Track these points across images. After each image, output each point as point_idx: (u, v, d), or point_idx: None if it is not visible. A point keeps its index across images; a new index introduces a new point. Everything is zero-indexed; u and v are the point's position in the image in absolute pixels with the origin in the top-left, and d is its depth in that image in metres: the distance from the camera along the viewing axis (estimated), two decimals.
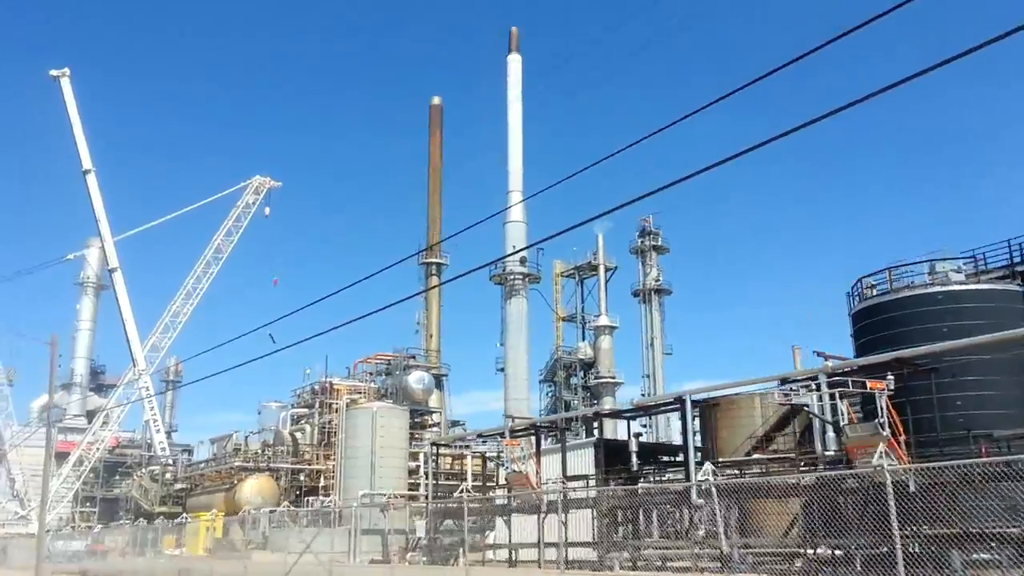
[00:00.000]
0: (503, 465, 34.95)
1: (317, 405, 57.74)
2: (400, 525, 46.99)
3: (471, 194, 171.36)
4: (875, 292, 29.41)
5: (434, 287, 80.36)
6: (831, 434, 22.88)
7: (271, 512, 47.52)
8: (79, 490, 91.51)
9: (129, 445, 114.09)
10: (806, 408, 23.18)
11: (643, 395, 79.93)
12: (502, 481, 46.60)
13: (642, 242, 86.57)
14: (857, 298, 30.15)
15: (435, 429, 62.35)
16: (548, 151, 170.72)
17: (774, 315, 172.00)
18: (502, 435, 35.79)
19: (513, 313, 73.84)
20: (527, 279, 75.32)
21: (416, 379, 59.96)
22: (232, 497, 52.59)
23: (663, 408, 32.00)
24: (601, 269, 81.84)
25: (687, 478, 27.59)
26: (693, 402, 34.60)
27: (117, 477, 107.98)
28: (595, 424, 41.06)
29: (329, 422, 57.62)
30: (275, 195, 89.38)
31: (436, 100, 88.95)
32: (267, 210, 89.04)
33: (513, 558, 37.50)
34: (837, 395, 22.23)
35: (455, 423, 73.91)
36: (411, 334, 79.66)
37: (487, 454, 40.15)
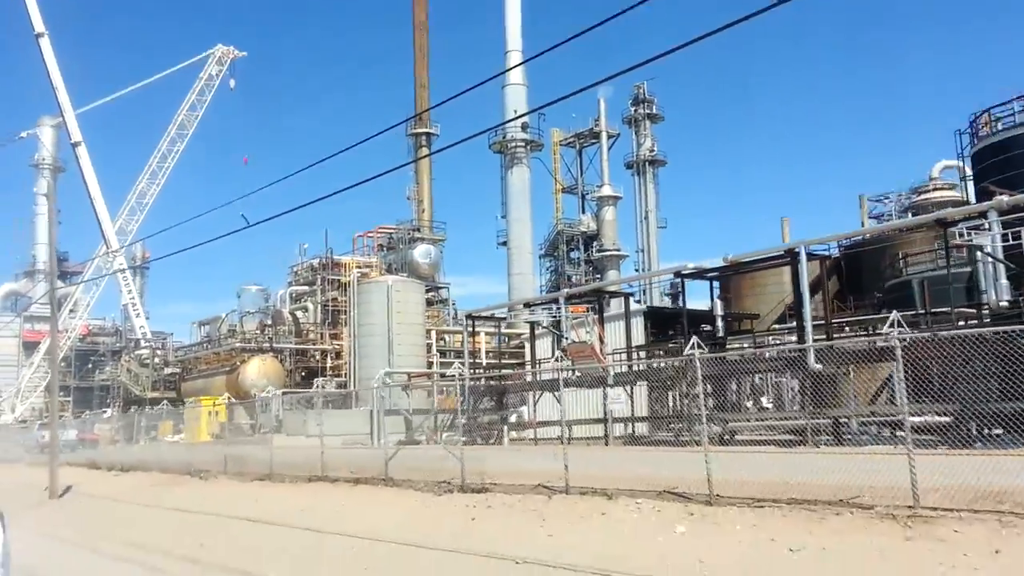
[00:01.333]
0: (562, 336, 31.35)
1: (319, 282, 53.46)
2: (420, 405, 43.70)
3: (459, 60, 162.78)
4: (1000, 127, 25.59)
5: (425, 156, 75.23)
6: (1004, 281, 19.30)
7: (284, 394, 43.86)
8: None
9: (100, 332, 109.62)
10: (982, 251, 19.41)
11: (637, 269, 76.77)
12: (540, 354, 43.34)
13: (635, 111, 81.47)
14: (974, 136, 26.33)
15: (442, 306, 58.58)
16: (545, 9, 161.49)
17: (772, 189, 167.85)
18: (555, 302, 32.02)
19: (515, 183, 69.30)
20: (530, 146, 70.51)
21: (422, 253, 55.80)
22: (235, 380, 48.73)
23: (764, 263, 28.22)
24: (603, 136, 77.13)
25: (800, 340, 24.17)
26: (710, 270, 31.05)
27: (90, 366, 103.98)
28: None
29: (333, 299, 53.53)
30: (241, 66, 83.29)
31: None
32: (232, 82, 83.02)
33: (568, 436, 34.41)
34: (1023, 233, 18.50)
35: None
36: (401, 211, 75.08)
37: (536, 324, 36.35)
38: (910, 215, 72.60)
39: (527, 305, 33.25)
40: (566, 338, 31.33)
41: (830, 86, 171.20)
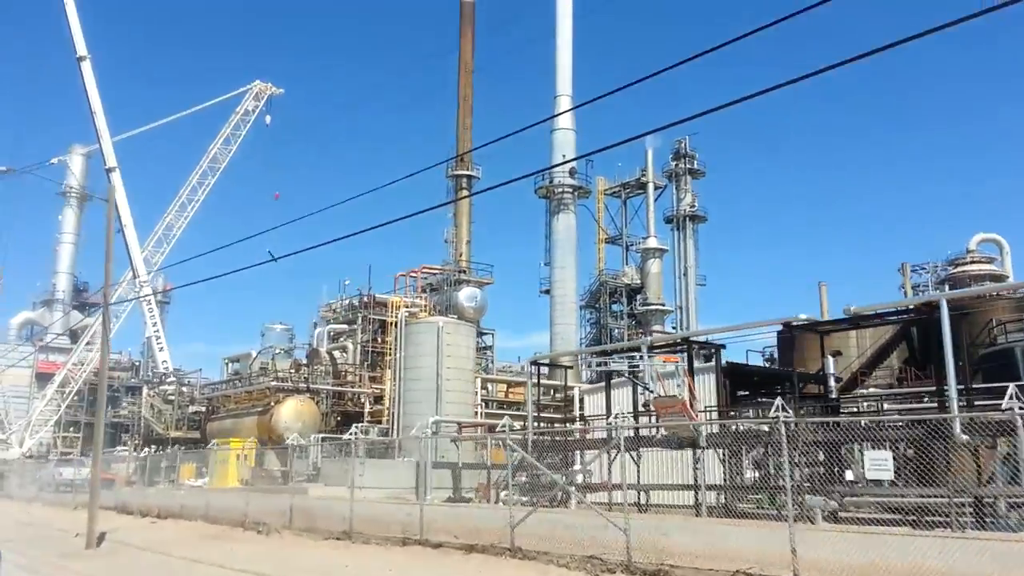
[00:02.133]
0: (646, 388, 28.28)
1: (360, 321, 50.59)
2: (469, 459, 40.50)
3: (502, 103, 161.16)
4: None
5: (465, 196, 72.93)
6: None
7: (324, 439, 40.78)
8: (62, 414, 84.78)
9: (116, 367, 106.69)
10: None
11: (674, 327, 73.66)
12: (591, 410, 40.16)
13: (676, 165, 78.97)
14: None
15: (488, 353, 55.61)
16: (595, 54, 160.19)
17: (809, 251, 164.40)
18: (636, 350, 28.98)
19: (561, 230, 66.72)
20: (577, 193, 68.09)
21: (468, 296, 52.95)
22: (268, 421, 45.63)
23: (893, 316, 25.22)
24: (650, 188, 74.74)
25: (941, 408, 21.14)
26: (824, 323, 28.13)
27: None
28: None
29: (373, 339, 50.63)
30: (279, 104, 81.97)
31: None
32: (268, 118, 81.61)
33: (644, 501, 31.14)
34: None
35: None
36: (439, 256, 72.42)
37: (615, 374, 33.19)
38: (947, 287, 69.85)
39: (604, 353, 30.24)
40: (650, 391, 28.25)
41: (873, 152, 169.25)
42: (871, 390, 33.99)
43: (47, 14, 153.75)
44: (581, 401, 43.61)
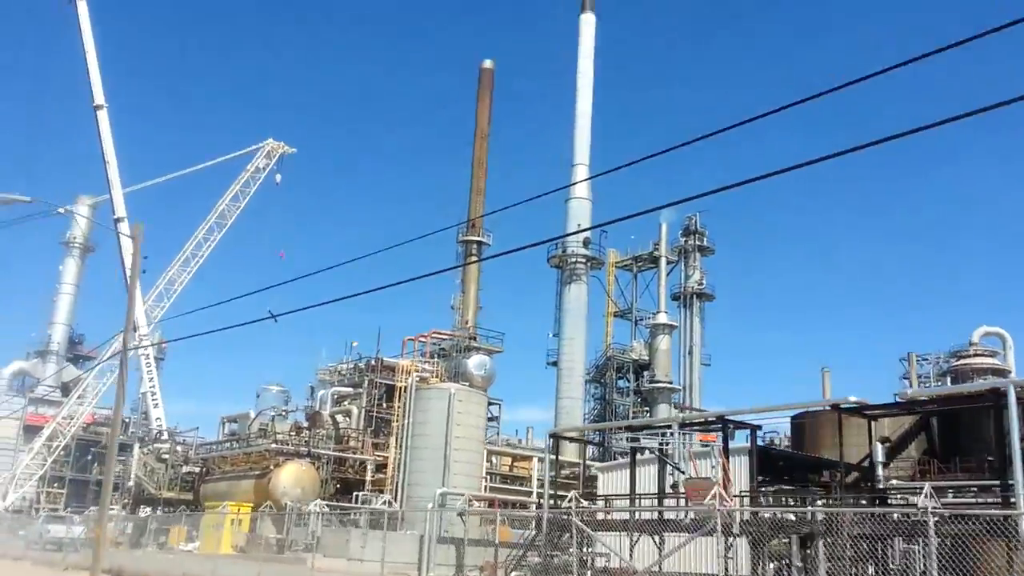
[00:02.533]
0: (676, 468, 26.82)
1: (366, 384, 49.13)
2: (474, 535, 38.72)
3: (516, 170, 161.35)
4: None
5: (474, 261, 72.06)
6: None
7: (327, 507, 39.02)
8: (48, 469, 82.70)
9: (105, 423, 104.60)
10: None
11: (677, 407, 72.16)
12: (607, 488, 38.45)
13: (686, 241, 78.42)
14: None
15: (494, 424, 54.04)
16: (612, 129, 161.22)
17: (815, 339, 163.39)
18: (668, 427, 27.62)
19: (572, 300, 65.76)
20: (590, 264, 67.31)
21: (477, 364, 51.62)
22: (265, 485, 43.85)
23: (957, 401, 23.97)
24: (662, 262, 73.97)
25: (1006, 502, 19.82)
26: (874, 407, 26.81)
27: (90, 458, 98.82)
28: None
29: (378, 404, 49.13)
30: (290, 163, 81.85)
31: (488, 63, 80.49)
32: (278, 177, 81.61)
33: None
34: None
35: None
36: (445, 323, 71.25)
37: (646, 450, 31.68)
38: (949, 380, 68.60)
39: (631, 428, 28.86)
40: (681, 471, 26.85)
41: (883, 234, 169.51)
42: (894, 482, 32.51)
43: (58, 61, 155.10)
44: (595, 479, 41.93)
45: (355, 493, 43.50)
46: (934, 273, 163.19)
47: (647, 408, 71.81)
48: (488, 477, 48.77)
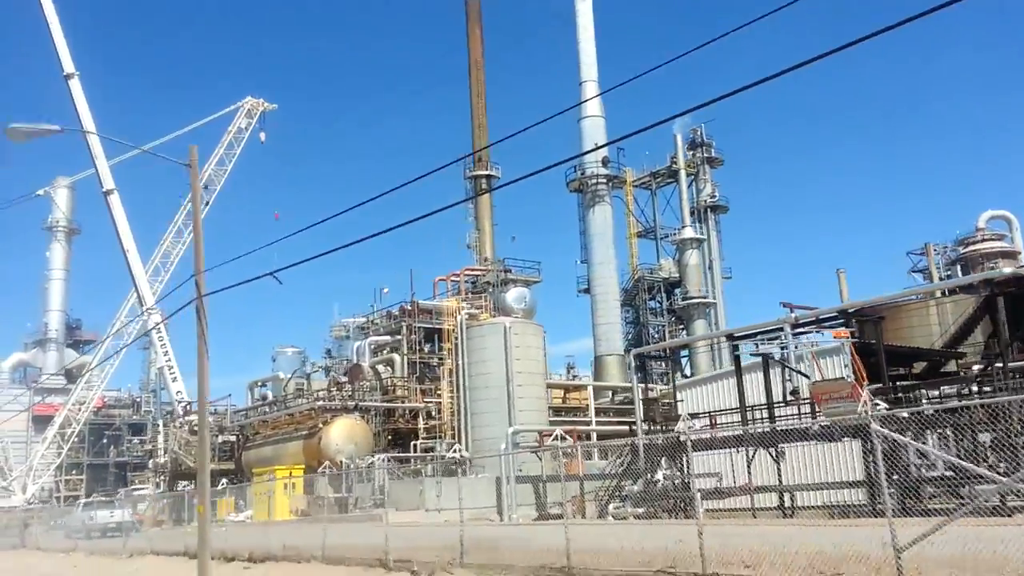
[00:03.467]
0: (793, 371, 24.18)
1: (404, 331, 46.25)
2: (547, 472, 36.21)
3: (518, 103, 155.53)
4: None
5: (486, 192, 68.92)
6: None
7: (389, 460, 36.44)
8: (64, 458, 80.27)
9: (116, 405, 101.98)
10: None
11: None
12: (692, 406, 35.88)
13: (694, 154, 75.14)
14: None
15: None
16: (614, 49, 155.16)
17: (828, 238, 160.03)
18: (779, 330, 24.90)
19: (597, 223, 62.76)
20: (611, 183, 64.20)
21: (516, 297, 48.67)
22: (316, 445, 41.20)
23: None
24: (682, 174, 70.97)
25: None
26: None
27: (105, 441, 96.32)
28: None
29: (419, 350, 46.39)
30: (273, 118, 77.89)
31: None
32: (262, 135, 77.79)
33: (788, 504, 26.98)
34: None
35: None
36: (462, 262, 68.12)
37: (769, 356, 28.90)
38: (959, 268, 66.92)
39: (731, 337, 26.10)
40: (803, 375, 24.20)
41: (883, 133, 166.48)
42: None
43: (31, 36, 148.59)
44: (656, 401, 39.35)
45: (413, 442, 40.86)
46: (934, 165, 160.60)
47: (682, 326, 69.40)
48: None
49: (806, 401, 24.27)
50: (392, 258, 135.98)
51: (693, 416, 29.32)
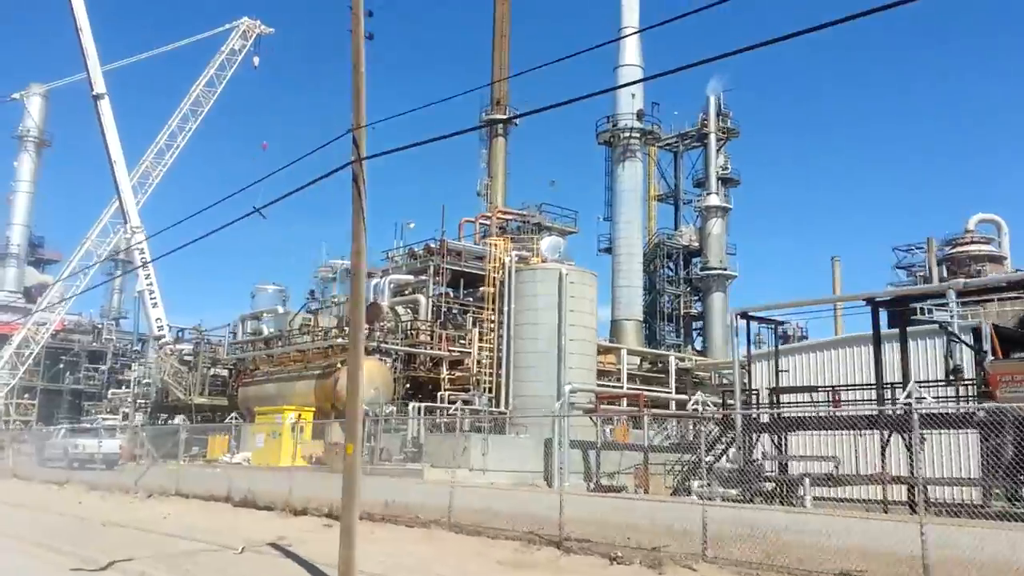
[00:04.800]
0: (972, 348, 20.69)
1: (431, 271, 42.17)
2: (589, 437, 32.58)
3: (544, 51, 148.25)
4: None
5: (503, 120, 64.86)
6: None
7: (427, 408, 32.51)
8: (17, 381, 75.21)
9: (75, 330, 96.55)
10: None
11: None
12: (764, 380, 32.37)
13: (706, 123, 71.15)
14: None
15: None
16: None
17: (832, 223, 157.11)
18: (939, 296, 21.33)
19: (626, 180, 58.96)
20: (645, 138, 60.30)
21: (550, 246, 44.54)
22: (331, 387, 37.11)
23: None
24: (711, 138, 67.19)
25: None
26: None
27: (61, 366, 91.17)
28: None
29: (445, 294, 42.39)
30: (268, 43, 72.92)
31: None
32: (256, 60, 72.66)
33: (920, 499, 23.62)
34: None
35: None
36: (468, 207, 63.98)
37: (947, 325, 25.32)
38: (945, 268, 65.28)
39: (874, 303, 22.45)
40: (973, 347, 20.71)
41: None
42: None
43: None
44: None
45: (438, 393, 36.94)
46: (933, 161, 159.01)
47: (696, 297, 66.13)
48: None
49: (967, 383, 20.82)
50: (392, 201, 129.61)
51: (789, 391, 25.83)
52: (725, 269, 64.69)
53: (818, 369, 28.50)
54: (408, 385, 40.02)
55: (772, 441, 25.54)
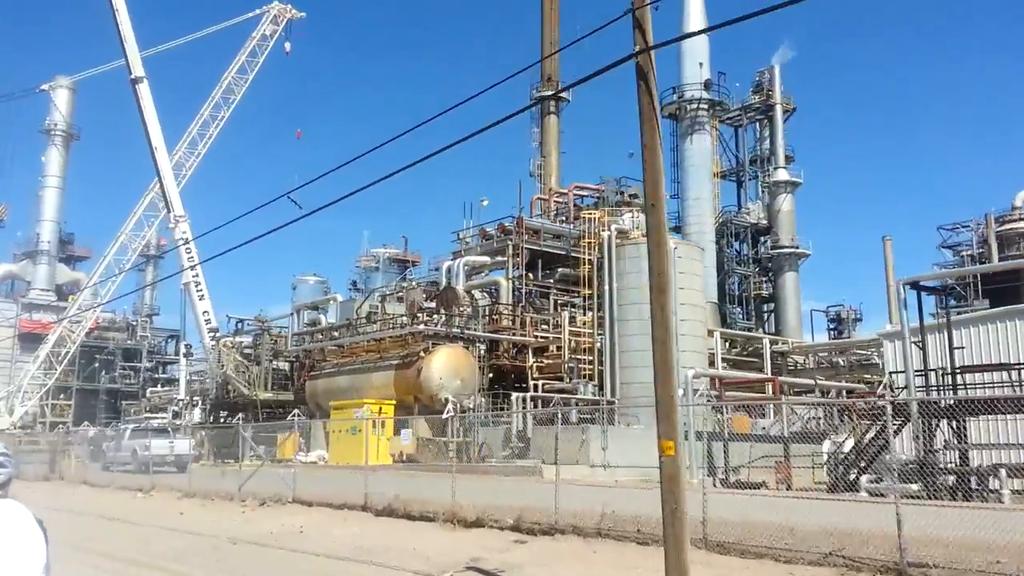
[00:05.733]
0: None
1: (509, 251, 39.14)
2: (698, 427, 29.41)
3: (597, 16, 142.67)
4: None
5: (556, 94, 61.78)
6: None
7: (532, 400, 29.50)
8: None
9: (110, 327, 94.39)
10: None
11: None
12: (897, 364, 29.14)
13: (758, 100, 67.49)
14: None
15: None
16: None
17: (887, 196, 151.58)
18: None
19: (695, 154, 55.84)
20: (714, 109, 57.01)
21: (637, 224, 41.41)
22: (413, 378, 34.18)
23: None
24: (778, 110, 63.84)
25: None
26: None
27: (96, 366, 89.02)
28: None
29: (523, 276, 39.34)
30: (299, 28, 69.75)
31: None
32: (287, 46, 70.19)
33: None
34: None
35: None
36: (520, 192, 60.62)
37: None
38: (994, 245, 62.27)
39: None
40: None
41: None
42: None
43: None
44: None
45: (532, 382, 33.94)
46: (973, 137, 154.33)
47: (766, 278, 62.83)
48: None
49: None
50: (433, 191, 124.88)
51: (976, 369, 22.65)
52: (797, 247, 61.42)
53: (991, 345, 25.22)
54: (491, 374, 37.08)
55: (951, 428, 22.40)
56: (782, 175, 61.93)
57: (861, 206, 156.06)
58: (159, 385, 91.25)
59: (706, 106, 55.82)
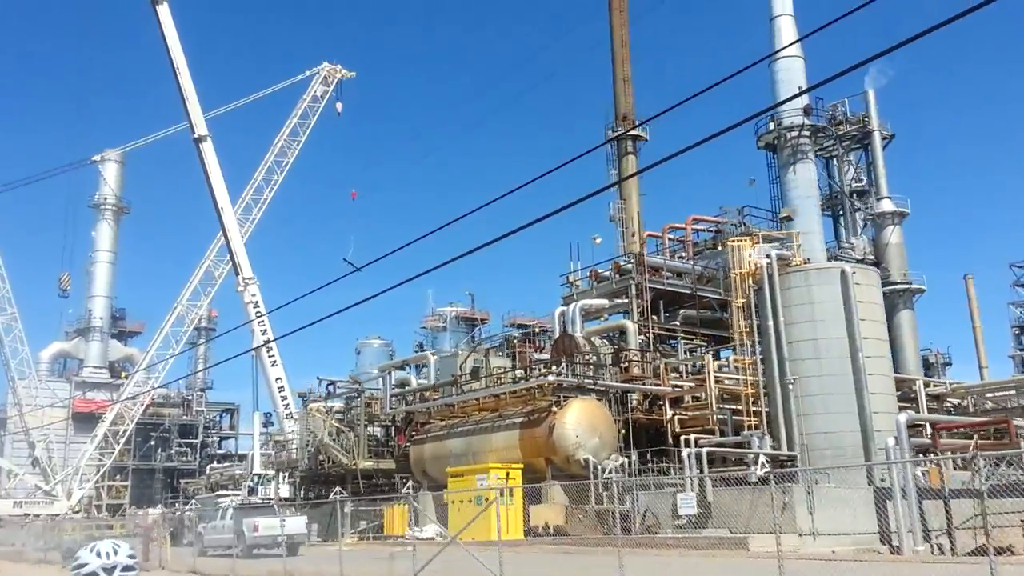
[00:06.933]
0: None
1: (632, 291, 34.95)
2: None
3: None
4: None
5: (631, 153, 57.91)
6: None
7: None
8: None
9: (165, 403, 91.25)
10: None
11: None
12: None
13: (867, 120, 62.96)
14: None
15: None
16: None
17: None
18: None
19: (799, 184, 51.54)
20: (816, 136, 52.98)
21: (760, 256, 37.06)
22: (545, 435, 29.80)
23: None
24: (876, 137, 59.63)
25: None
26: None
27: (152, 443, 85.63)
28: None
29: (648, 318, 35.02)
30: (351, 88, 68.93)
31: None
32: (339, 105, 68.59)
33: None
34: None
35: None
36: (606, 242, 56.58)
37: None
38: None
39: None
40: None
41: None
42: None
43: None
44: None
45: (684, 437, 29.38)
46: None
47: None
48: None
49: None
50: (499, 245, 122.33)
51: None
52: (910, 283, 56.57)
53: None
54: (623, 430, 32.60)
55: None
56: (887, 205, 57.48)
57: (938, 243, 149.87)
58: (215, 461, 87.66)
59: (808, 133, 51.84)
